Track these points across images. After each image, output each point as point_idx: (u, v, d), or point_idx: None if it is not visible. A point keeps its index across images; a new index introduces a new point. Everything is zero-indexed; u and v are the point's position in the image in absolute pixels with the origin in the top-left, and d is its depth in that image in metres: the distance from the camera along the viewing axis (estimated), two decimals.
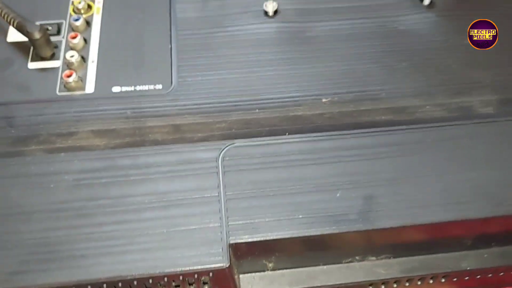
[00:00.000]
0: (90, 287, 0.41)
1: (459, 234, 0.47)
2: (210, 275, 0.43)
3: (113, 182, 0.45)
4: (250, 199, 0.45)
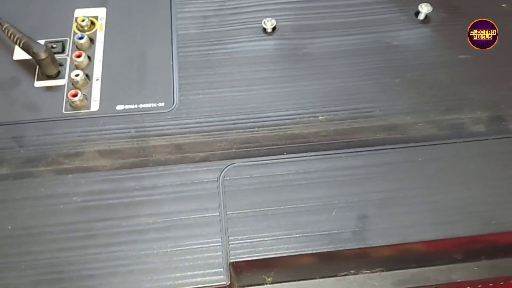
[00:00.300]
0: None
1: (449, 250, 0.49)
2: None
3: (119, 204, 0.47)
4: (249, 219, 0.47)
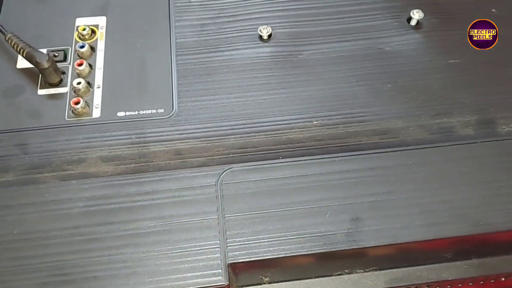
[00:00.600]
0: None
1: (439, 250, 0.50)
2: None
3: (120, 208, 0.49)
4: (246, 221, 0.49)
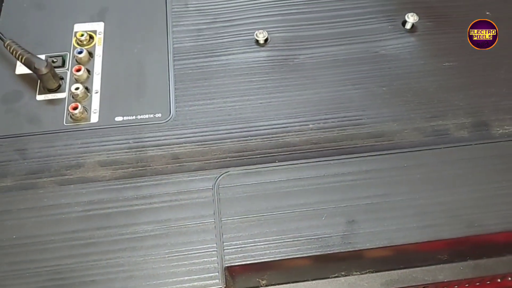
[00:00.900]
0: None
1: (435, 251, 0.51)
2: None
3: (118, 212, 0.50)
4: (243, 225, 0.49)
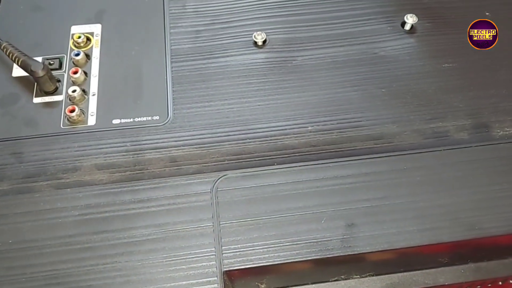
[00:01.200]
0: None
1: (435, 255, 0.50)
2: None
3: (115, 216, 0.49)
4: (242, 228, 0.49)
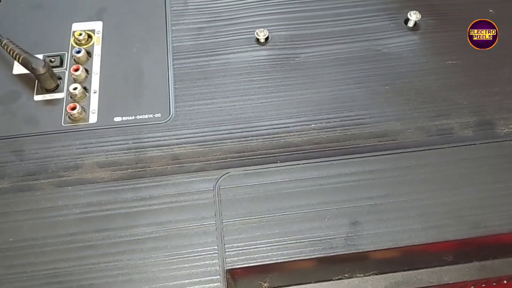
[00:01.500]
0: None
1: (439, 253, 0.50)
2: None
3: (117, 214, 0.49)
4: (245, 226, 0.48)
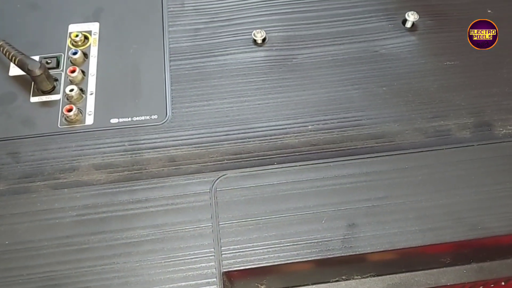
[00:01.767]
0: None
1: (437, 255, 0.50)
2: None
3: (113, 217, 0.49)
4: (241, 229, 0.48)
